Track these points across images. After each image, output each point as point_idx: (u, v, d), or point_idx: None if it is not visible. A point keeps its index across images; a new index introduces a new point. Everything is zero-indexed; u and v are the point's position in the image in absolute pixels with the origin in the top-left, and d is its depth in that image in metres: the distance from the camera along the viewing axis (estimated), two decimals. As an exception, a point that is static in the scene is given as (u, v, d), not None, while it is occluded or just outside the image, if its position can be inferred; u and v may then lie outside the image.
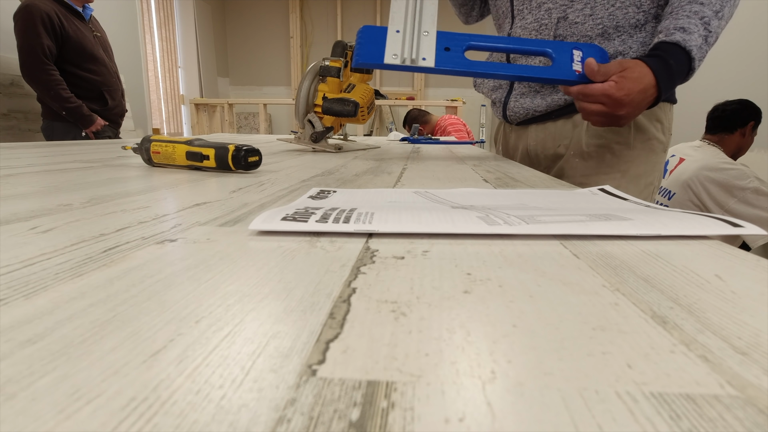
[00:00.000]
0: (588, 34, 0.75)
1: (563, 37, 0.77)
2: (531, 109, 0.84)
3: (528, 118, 0.86)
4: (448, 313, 0.15)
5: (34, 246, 0.22)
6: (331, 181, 0.47)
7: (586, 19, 0.75)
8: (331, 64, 0.85)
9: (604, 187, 0.42)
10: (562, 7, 0.77)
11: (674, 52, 0.64)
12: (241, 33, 4.92)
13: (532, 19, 0.80)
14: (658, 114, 0.76)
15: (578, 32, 0.76)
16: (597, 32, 0.75)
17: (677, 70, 0.64)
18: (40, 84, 1.85)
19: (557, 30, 0.77)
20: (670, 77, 0.64)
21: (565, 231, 0.25)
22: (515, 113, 0.87)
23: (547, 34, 0.78)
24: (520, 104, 0.85)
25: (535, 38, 0.79)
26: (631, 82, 0.62)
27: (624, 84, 0.62)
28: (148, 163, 0.57)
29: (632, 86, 0.62)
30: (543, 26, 0.78)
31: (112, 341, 0.13)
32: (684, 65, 0.64)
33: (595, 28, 0.75)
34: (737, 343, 0.13)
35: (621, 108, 0.63)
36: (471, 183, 0.48)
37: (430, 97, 4.76)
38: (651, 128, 0.76)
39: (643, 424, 0.10)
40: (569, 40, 0.77)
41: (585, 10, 0.75)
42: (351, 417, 0.10)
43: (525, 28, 0.81)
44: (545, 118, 0.84)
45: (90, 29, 2.02)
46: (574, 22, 0.75)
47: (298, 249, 0.22)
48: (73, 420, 0.09)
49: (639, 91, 0.62)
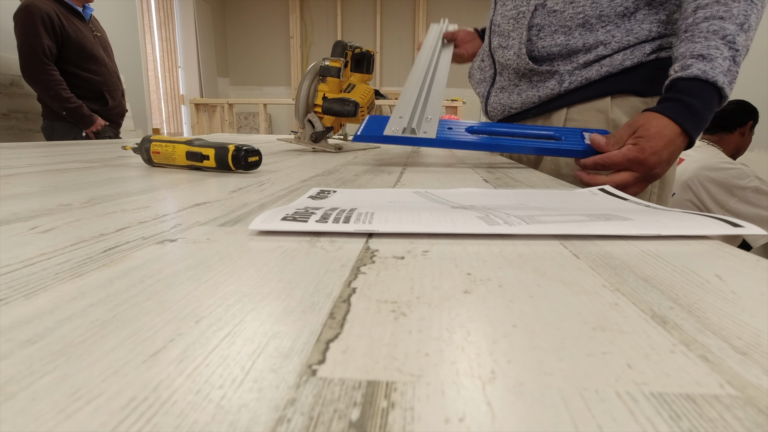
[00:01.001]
0: (567, 23, 0.69)
1: (540, 27, 0.71)
2: (507, 105, 0.80)
3: (505, 115, 0.82)
4: (448, 313, 0.15)
5: (34, 246, 0.22)
6: (331, 181, 0.47)
7: (565, 6, 0.69)
8: (331, 64, 0.85)
9: (604, 187, 0.42)
10: None
11: (696, 88, 0.54)
12: (241, 33, 4.92)
13: (511, 6, 0.75)
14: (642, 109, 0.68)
15: (556, 21, 0.70)
16: (578, 22, 0.68)
17: (703, 107, 0.54)
18: (40, 84, 1.85)
19: (534, 18, 0.71)
20: (697, 118, 0.54)
21: (565, 231, 0.25)
22: (494, 109, 0.83)
23: (523, 23, 0.72)
24: (498, 100, 0.82)
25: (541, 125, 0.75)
26: (652, 141, 0.54)
27: (644, 144, 0.54)
28: (148, 163, 0.57)
29: (655, 144, 0.54)
30: (521, 14, 0.73)
31: (112, 341, 0.13)
32: (712, 98, 0.54)
33: (575, 18, 0.68)
34: (737, 343, 0.13)
35: (652, 168, 0.55)
36: (471, 183, 0.48)
37: (430, 97, 4.76)
38: None
39: (643, 424, 0.10)
40: (545, 30, 0.71)
41: None
42: (351, 417, 0.10)
43: (504, 16, 0.76)
44: (522, 116, 0.80)
45: (90, 29, 2.01)
46: (553, 9, 0.70)
47: (298, 249, 0.22)
48: (73, 420, 0.09)
49: (665, 146, 0.54)
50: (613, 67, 0.68)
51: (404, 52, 4.82)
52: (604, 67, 0.68)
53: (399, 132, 0.64)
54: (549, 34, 0.71)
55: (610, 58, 0.68)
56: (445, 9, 4.67)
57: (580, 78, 0.70)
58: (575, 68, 0.71)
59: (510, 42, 0.75)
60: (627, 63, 0.67)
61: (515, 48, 0.74)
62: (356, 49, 0.90)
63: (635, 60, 0.67)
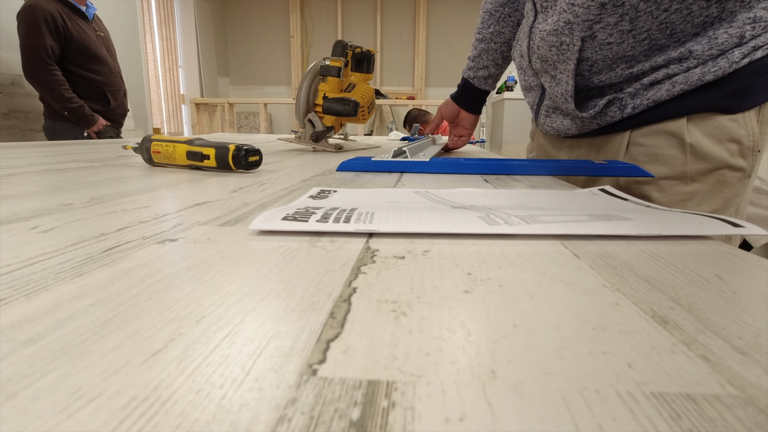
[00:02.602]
0: (628, 53, 0.55)
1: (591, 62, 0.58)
2: (561, 130, 0.69)
3: (560, 136, 0.72)
4: (449, 312, 0.15)
5: (35, 246, 0.22)
6: (331, 181, 0.47)
7: (623, 36, 0.54)
8: (331, 64, 0.85)
9: (604, 188, 0.42)
10: (587, 23, 0.55)
11: None
12: (241, 32, 4.92)
13: (550, 29, 0.60)
14: (732, 130, 0.54)
15: (613, 54, 0.56)
16: (642, 49, 0.55)
17: None
18: (42, 84, 1.86)
19: (583, 53, 0.58)
20: None
21: (565, 231, 0.25)
22: (546, 129, 0.73)
23: (569, 58, 0.59)
24: (550, 122, 0.70)
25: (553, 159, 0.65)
26: None
27: None
28: (148, 163, 0.57)
29: None
30: (564, 45, 0.58)
31: (113, 341, 0.13)
32: None
33: (638, 46, 0.54)
34: (738, 343, 0.13)
35: None
36: (471, 183, 0.48)
37: (431, 96, 4.76)
38: (719, 152, 0.55)
39: (644, 424, 0.10)
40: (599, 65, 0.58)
41: (621, 24, 0.53)
42: (351, 416, 0.10)
43: (544, 41, 0.62)
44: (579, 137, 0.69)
45: (93, 29, 2.02)
46: (606, 42, 0.55)
47: (299, 249, 0.22)
48: (74, 419, 0.09)
49: None
50: (689, 84, 0.54)
51: (404, 52, 4.82)
52: (678, 85, 0.54)
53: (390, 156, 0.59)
54: (605, 67, 0.58)
55: (685, 75, 0.54)
56: (445, 9, 4.67)
57: (646, 101, 0.57)
58: (638, 90, 0.58)
59: (557, 74, 0.63)
60: (708, 77, 0.52)
61: (562, 88, 0.63)
62: (357, 48, 0.90)
63: (719, 72, 0.52)
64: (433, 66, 4.83)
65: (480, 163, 0.57)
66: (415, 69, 4.81)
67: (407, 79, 4.90)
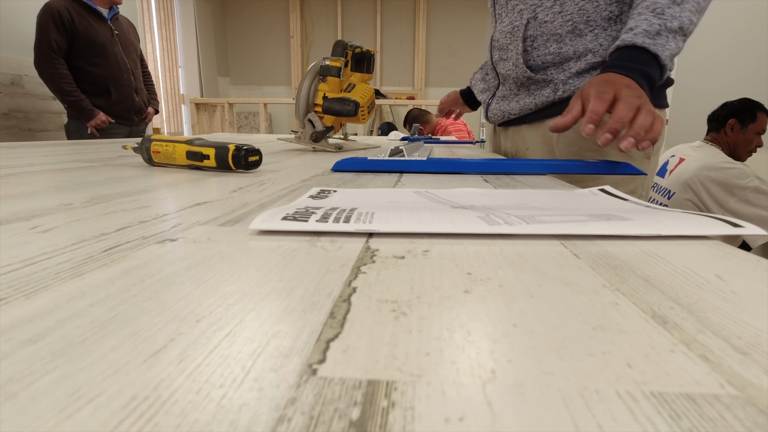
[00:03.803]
0: (557, 32, 0.74)
1: (533, 38, 0.76)
2: (506, 111, 0.86)
3: (504, 120, 0.88)
4: (449, 312, 0.15)
5: (35, 245, 0.22)
6: (331, 181, 0.47)
7: (555, 16, 0.74)
8: (331, 64, 0.85)
9: (604, 188, 0.42)
10: (532, 6, 0.76)
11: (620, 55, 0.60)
12: (241, 32, 4.92)
13: (507, 22, 0.81)
14: None
15: (547, 30, 0.75)
16: (567, 29, 0.73)
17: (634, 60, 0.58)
18: (45, 76, 1.90)
19: (527, 31, 0.77)
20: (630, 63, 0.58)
21: (565, 231, 0.25)
22: (494, 114, 0.90)
23: (518, 36, 0.78)
24: (498, 107, 0.88)
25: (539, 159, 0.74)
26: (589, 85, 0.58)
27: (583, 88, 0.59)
28: (148, 163, 0.57)
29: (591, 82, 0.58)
30: (515, 28, 0.78)
31: (113, 341, 0.13)
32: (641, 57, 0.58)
33: (564, 26, 0.73)
34: (737, 343, 0.13)
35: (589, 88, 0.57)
36: (471, 183, 0.48)
37: (431, 96, 4.76)
38: None
39: (644, 424, 0.10)
40: (539, 41, 0.76)
41: (554, 7, 0.73)
42: (351, 416, 0.10)
43: (502, 32, 0.82)
44: (519, 121, 0.85)
45: (110, 27, 2.04)
46: (544, 21, 0.75)
47: (299, 248, 0.22)
48: (73, 419, 0.09)
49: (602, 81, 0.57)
50: None
51: (404, 52, 4.82)
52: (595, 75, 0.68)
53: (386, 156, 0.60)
54: (542, 44, 0.76)
55: (601, 66, 0.69)
56: (445, 9, 4.67)
57: (573, 87, 0.75)
58: (568, 77, 0.75)
59: (509, 54, 0.82)
60: None
61: (513, 59, 0.80)
62: (356, 48, 0.90)
63: None
64: (433, 66, 4.83)
65: (480, 162, 0.57)
66: (415, 69, 4.81)
67: (407, 79, 4.90)
